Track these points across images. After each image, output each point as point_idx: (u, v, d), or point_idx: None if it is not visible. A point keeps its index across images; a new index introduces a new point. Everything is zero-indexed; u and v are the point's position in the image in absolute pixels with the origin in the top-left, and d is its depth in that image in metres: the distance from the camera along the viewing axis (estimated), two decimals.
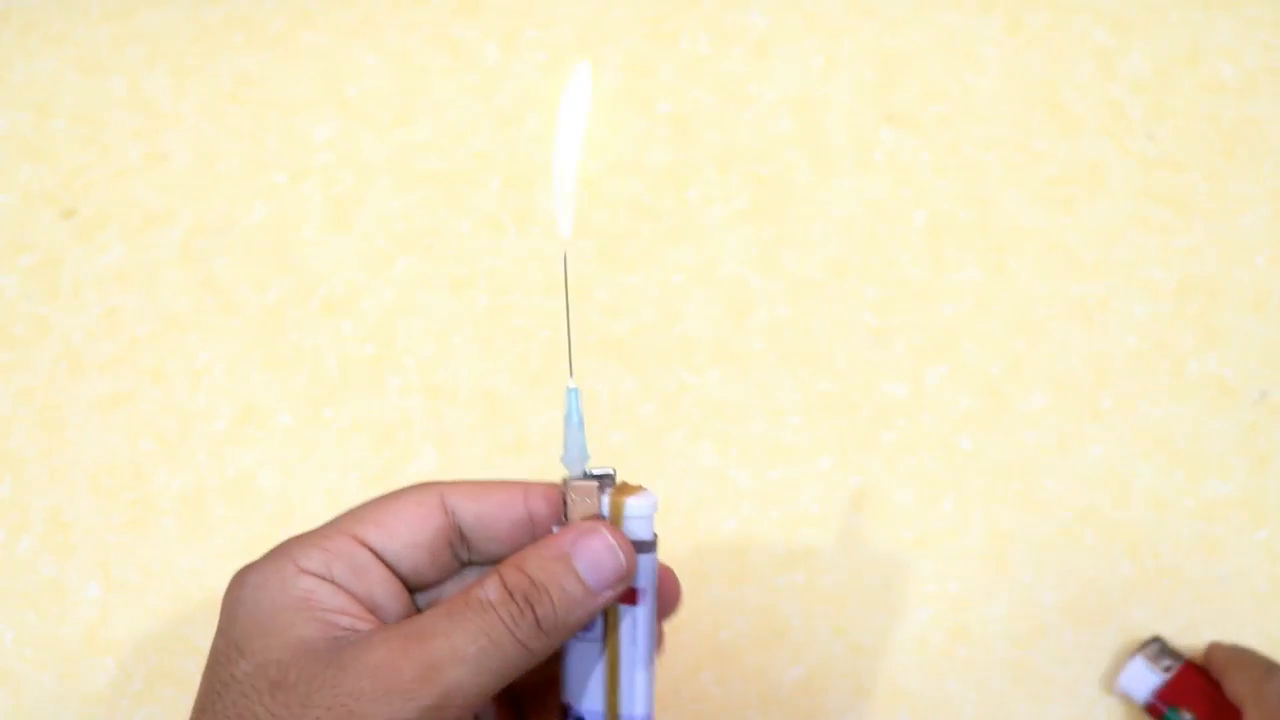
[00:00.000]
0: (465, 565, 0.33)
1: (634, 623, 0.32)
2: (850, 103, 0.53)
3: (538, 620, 0.29)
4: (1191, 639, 0.45)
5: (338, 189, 0.51)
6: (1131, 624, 0.45)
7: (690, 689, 0.45)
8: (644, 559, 0.31)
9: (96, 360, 0.48)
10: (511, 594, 0.29)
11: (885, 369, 0.48)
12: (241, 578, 0.30)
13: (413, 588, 0.32)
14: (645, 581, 0.32)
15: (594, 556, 0.30)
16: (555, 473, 0.47)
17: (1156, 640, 0.44)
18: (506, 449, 0.47)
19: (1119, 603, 0.46)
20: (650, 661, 0.32)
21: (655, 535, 0.31)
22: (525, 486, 0.32)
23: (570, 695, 0.32)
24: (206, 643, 0.44)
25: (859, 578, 0.46)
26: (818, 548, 0.46)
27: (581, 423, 0.32)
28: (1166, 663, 0.43)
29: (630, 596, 0.31)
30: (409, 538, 0.31)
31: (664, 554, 0.33)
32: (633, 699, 0.31)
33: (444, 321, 0.49)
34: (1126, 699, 0.44)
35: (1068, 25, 0.54)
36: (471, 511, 0.32)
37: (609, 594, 0.30)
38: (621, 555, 0.30)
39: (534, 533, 0.32)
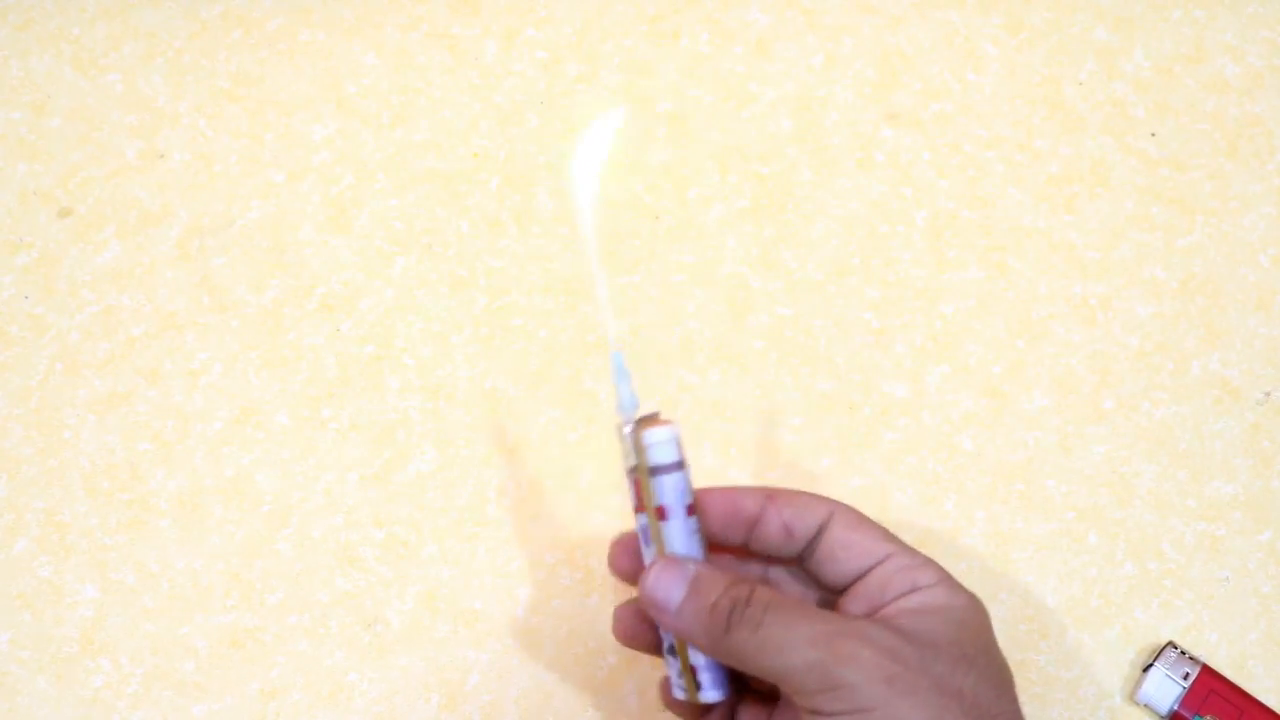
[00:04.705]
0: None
1: (668, 537, 0.36)
2: (851, 101, 0.52)
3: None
4: (1195, 641, 0.45)
5: (336, 188, 0.51)
6: (1134, 625, 0.45)
7: None
8: (668, 478, 0.35)
9: (93, 360, 0.48)
10: None
11: (886, 369, 0.48)
12: None
13: None
14: (671, 499, 0.35)
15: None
16: (553, 474, 0.47)
17: (1171, 647, 0.44)
18: (507, 449, 0.47)
19: (1121, 604, 0.45)
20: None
21: (682, 458, 0.35)
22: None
23: None
24: (206, 643, 0.44)
25: None
26: None
27: (628, 377, 0.36)
28: (1185, 670, 0.43)
29: (661, 514, 0.36)
30: None
31: None
32: None
33: (444, 321, 0.49)
34: (1149, 709, 0.43)
35: (1069, 23, 0.54)
36: None
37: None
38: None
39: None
